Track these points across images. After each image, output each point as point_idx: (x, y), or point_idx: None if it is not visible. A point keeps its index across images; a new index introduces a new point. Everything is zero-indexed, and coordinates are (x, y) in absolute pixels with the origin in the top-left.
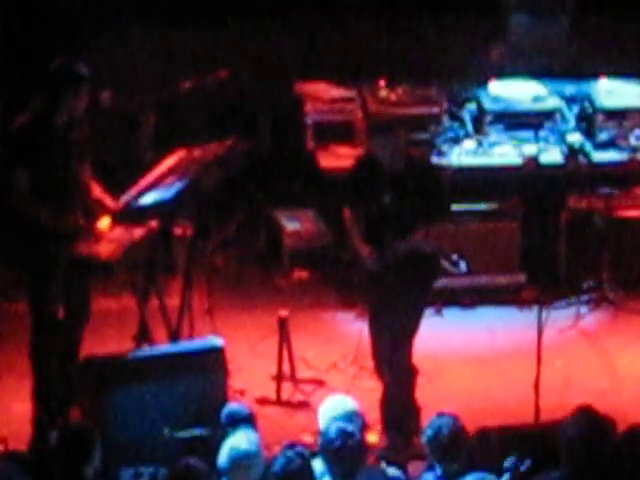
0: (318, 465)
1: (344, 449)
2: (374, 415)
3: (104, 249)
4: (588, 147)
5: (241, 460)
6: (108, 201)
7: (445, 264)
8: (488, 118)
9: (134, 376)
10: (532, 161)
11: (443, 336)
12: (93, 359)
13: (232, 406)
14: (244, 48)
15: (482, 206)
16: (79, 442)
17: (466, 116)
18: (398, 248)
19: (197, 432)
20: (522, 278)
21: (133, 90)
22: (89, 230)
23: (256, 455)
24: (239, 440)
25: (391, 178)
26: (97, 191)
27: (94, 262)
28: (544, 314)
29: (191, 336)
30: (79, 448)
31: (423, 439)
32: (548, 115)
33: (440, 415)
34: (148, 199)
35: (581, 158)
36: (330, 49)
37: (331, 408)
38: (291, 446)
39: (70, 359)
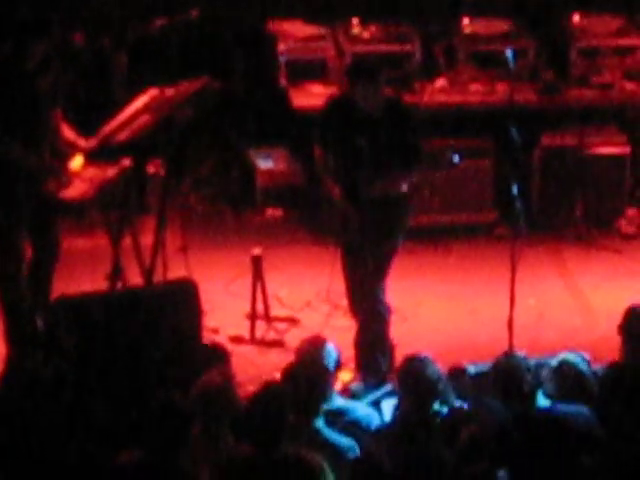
0: None
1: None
2: (348, 353)
3: (77, 188)
4: (561, 84)
5: (211, 396)
6: (80, 141)
7: (440, 160)
8: (461, 56)
9: (108, 315)
10: (505, 98)
11: (416, 274)
12: (67, 297)
13: (205, 344)
14: None
15: (455, 144)
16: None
17: (438, 54)
18: (371, 189)
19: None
20: (494, 216)
21: (105, 30)
22: (61, 170)
23: (227, 390)
24: (211, 375)
25: (366, 120)
26: (68, 133)
27: (66, 201)
28: (517, 252)
29: (165, 275)
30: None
31: (392, 382)
32: (521, 52)
33: (410, 357)
34: (121, 138)
35: (554, 95)
36: None
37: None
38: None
39: (41, 298)
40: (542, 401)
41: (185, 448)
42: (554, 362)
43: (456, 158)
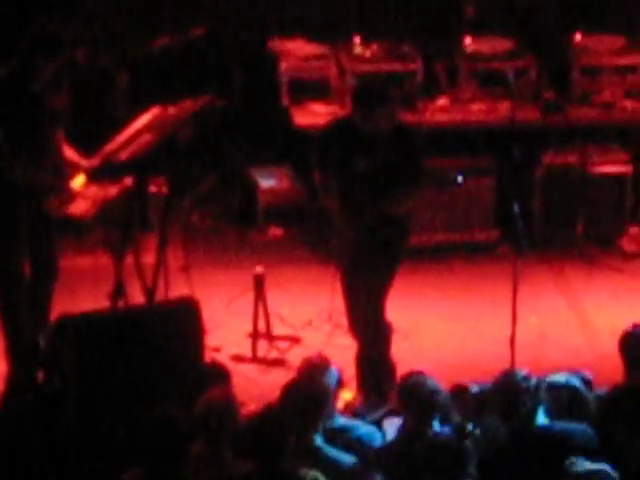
0: None
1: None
2: (349, 372)
3: (78, 207)
4: (563, 103)
5: (213, 415)
6: (82, 161)
7: (444, 180)
8: (463, 74)
9: (110, 334)
10: (507, 117)
11: (418, 293)
12: (69, 317)
13: (207, 364)
14: (219, 5)
15: (457, 162)
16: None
17: (440, 72)
18: (371, 213)
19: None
20: (497, 234)
21: (108, 48)
22: (62, 188)
23: (229, 410)
24: (213, 395)
25: (369, 143)
26: (70, 153)
27: (68, 219)
28: (519, 270)
29: (167, 294)
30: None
31: (397, 400)
32: (523, 71)
33: (412, 375)
34: (123, 157)
35: (556, 114)
36: (305, 6)
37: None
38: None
39: (40, 318)
40: (542, 419)
41: (185, 466)
42: (548, 381)
43: (460, 178)
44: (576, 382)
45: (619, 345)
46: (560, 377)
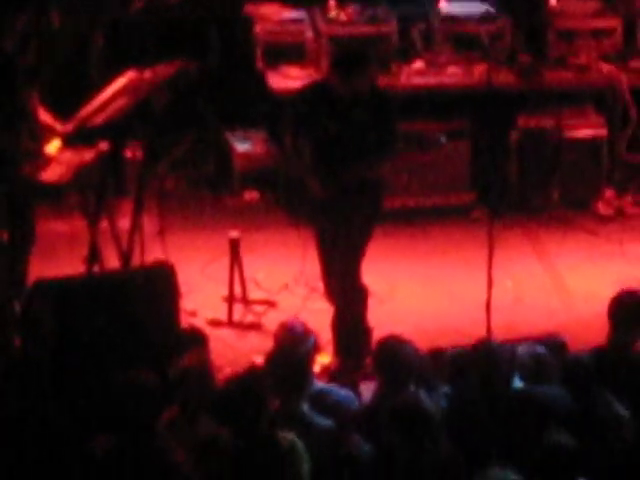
0: None
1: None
2: (326, 336)
3: (53, 172)
4: (538, 66)
5: (188, 378)
6: (57, 125)
7: (427, 141)
8: (438, 37)
9: (86, 298)
10: (482, 80)
11: (393, 257)
12: (45, 281)
13: (183, 328)
14: None
15: (432, 125)
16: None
17: (416, 35)
18: (344, 178)
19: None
20: (472, 198)
21: (82, 11)
22: (38, 153)
23: (204, 373)
24: (188, 358)
25: (344, 106)
26: (45, 116)
27: (43, 184)
28: (494, 234)
29: (142, 258)
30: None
31: (372, 364)
32: (498, 34)
33: (387, 340)
34: (98, 121)
35: (531, 77)
36: None
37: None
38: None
39: (17, 283)
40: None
41: (159, 431)
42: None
43: (443, 139)
44: (541, 349)
45: (608, 309)
46: (525, 346)
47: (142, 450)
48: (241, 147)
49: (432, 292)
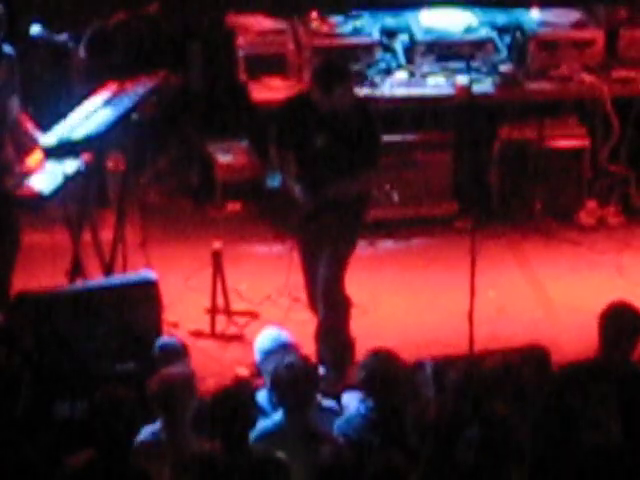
0: (261, 399)
1: (296, 382)
2: (309, 347)
3: (36, 183)
4: (520, 77)
5: (171, 391)
6: (39, 136)
7: (377, 195)
8: (420, 48)
9: (68, 310)
10: (464, 91)
11: (377, 268)
12: (27, 294)
13: (165, 339)
14: None
15: (414, 137)
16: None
17: (398, 47)
18: (328, 191)
19: (131, 365)
20: (454, 208)
21: (63, 23)
22: (21, 164)
23: (186, 385)
24: (170, 370)
25: (328, 120)
26: (28, 125)
27: (25, 196)
28: (477, 244)
29: (125, 270)
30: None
31: (358, 377)
32: (480, 45)
33: (374, 353)
34: (80, 133)
35: (513, 88)
36: None
37: (265, 342)
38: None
39: (0, 294)
40: None
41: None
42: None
43: (395, 196)
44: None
45: (598, 322)
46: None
47: (119, 465)
48: (223, 158)
49: (415, 303)
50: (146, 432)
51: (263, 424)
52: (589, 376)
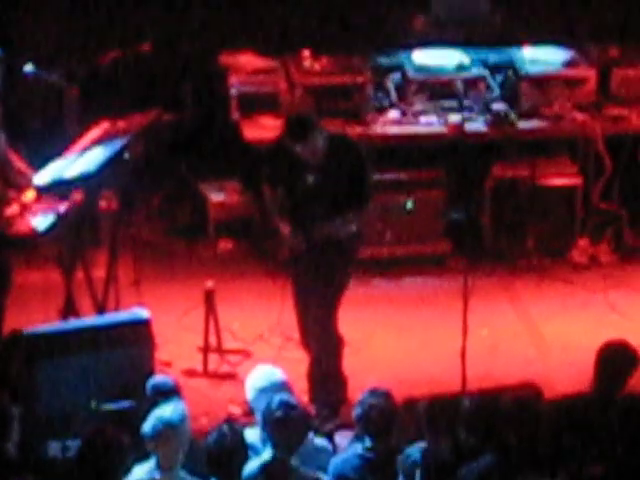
0: (253, 437)
1: (287, 421)
2: (301, 385)
3: (28, 222)
4: (512, 115)
5: (164, 430)
6: (31, 175)
7: (369, 234)
8: (412, 87)
9: (61, 349)
10: (456, 130)
11: (369, 306)
12: (19, 333)
13: (158, 378)
14: (166, 20)
15: (407, 175)
16: None
17: (390, 85)
18: (317, 232)
19: (124, 405)
20: (447, 247)
21: (56, 62)
22: (13, 201)
23: (180, 425)
24: (163, 410)
25: (314, 160)
26: (19, 163)
27: (17, 236)
28: (469, 283)
29: (117, 308)
30: None
31: (353, 416)
32: (472, 84)
33: (371, 392)
34: (72, 172)
35: (505, 126)
36: (253, 20)
37: (258, 379)
38: (226, 422)
39: None
40: None
41: None
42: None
43: (409, 204)
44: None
45: (595, 359)
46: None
47: None
48: (215, 197)
49: (407, 341)
50: (139, 471)
51: (253, 463)
52: (584, 411)
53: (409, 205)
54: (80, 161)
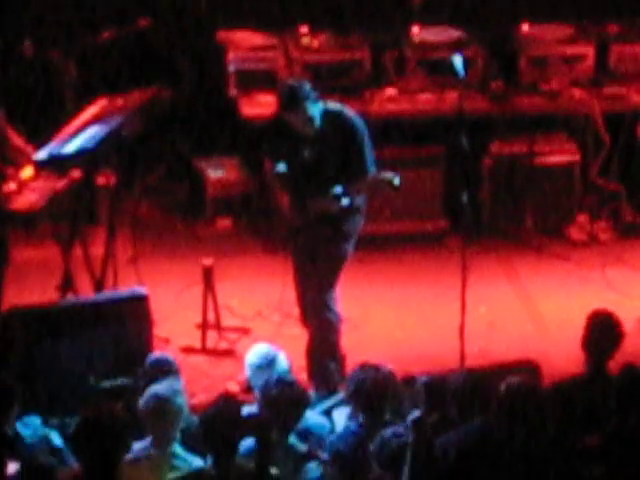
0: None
1: (284, 398)
2: (300, 362)
3: (26, 199)
4: (510, 92)
5: (157, 405)
6: (29, 151)
7: (381, 184)
8: (410, 64)
9: (59, 326)
10: (454, 107)
11: (367, 283)
12: (17, 310)
13: (156, 355)
14: None
15: (405, 152)
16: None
17: (388, 62)
18: (313, 207)
19: (122, 382)
20: (445, 225)
21: (54, 40)
22: (11, 179)
23: (173, 401)
24: (157, 386)
25: (309, 136)
26: (17, 140)
27: (15, 212)
28: (468, 260)
29: (115, 285)
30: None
31: (346, 391)
32: (471, 61)
33: (361, 367)
34: (70, 148)
35: (503, 103)
36: None
37: (257, 357)
38: (222, 397)
39: None
40: None
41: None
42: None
43: (397, 180)
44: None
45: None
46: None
47: None
48: (214, 174)
49: (405, 318)
50: (136, 448)
51: (250, 439)
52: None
53: (396, 181)
54: (78, 138)
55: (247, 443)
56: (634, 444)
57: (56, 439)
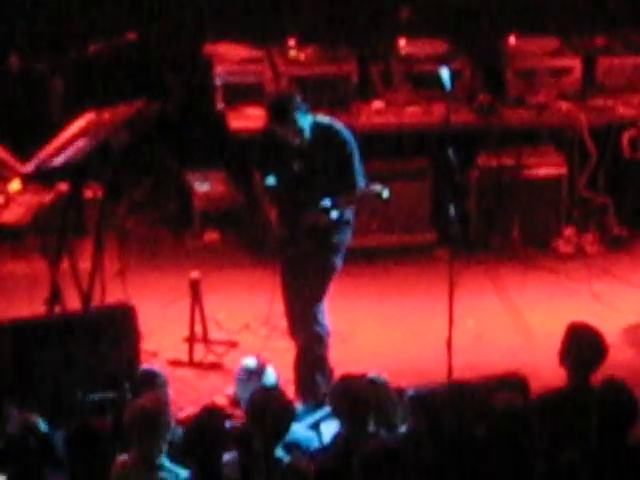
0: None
1: (270, 411)
2: (287, 375)
3: (13, 213)
4: (497, 105)
5: (142, 419)
6: (16, 165)
7: (370, 197)
8: (397, 77)
9: (47, 340)
10: (441, 120)
11: (355, 296)
12: (5, 323)
13: (143, 369)
14: (152, 10)
15: (392, 165)
16: None
17: (375, 75)
18: (303, 221)
19: (109, 395)
20: (433, 237)
21: (41, 53)
22: None
23: (162, 414)
24: (146, 399)
25: (298, 148)
26: (4, 154)
27: (3, 226)
28: (455, 273)
29: (103, 299)
30: None
31: (329, 403)
32: (458, 73)
33: (342, 379)
34: (58, 162)
35: (490, 116)
36: (238, 9)
37: (244, 370)
38: (206, 409)
39: None
40: None
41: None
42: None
43: (386, 193)
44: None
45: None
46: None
47: None
48: (201, 187)
49: (393, 331)
50: (123, 461)
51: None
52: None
53: (385, 194)
54: (66, 151)
55: (231, 455)
56: (615, 460)
57: (42, 425)
